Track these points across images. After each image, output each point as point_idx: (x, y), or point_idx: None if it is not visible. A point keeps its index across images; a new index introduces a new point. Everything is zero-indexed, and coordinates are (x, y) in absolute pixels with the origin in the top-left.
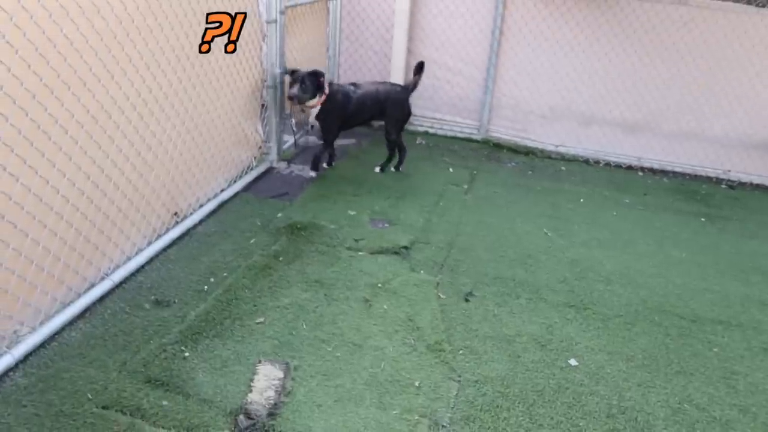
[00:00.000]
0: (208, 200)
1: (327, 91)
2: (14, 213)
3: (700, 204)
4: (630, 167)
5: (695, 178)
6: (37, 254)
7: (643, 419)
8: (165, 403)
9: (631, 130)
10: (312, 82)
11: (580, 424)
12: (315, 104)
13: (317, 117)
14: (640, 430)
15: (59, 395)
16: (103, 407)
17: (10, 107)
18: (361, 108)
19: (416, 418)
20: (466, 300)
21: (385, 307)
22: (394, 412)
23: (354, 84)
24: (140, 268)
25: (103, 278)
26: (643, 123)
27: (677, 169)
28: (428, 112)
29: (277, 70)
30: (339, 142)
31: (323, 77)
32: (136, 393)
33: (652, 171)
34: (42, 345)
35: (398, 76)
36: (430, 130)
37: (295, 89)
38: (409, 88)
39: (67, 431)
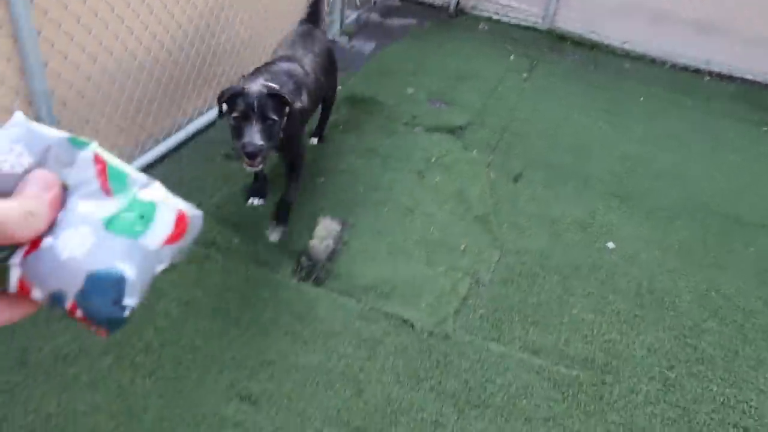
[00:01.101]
0: None
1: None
2: (108, 63)
3: (764, 113)
4: (697, 71)
5: (765, 87)
6: (123, 100)
7: (669, 300)
8: (236, 240)
9: (703, 30)
10: (277, 109)
11: (609, 297)
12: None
13: (282, 148)
14: (664, 309)
15: None
16: None
17: None
18: (320, 86)
19: (460, 275)
20: (515, 181)
21: (437, 179)
22: (440, 268)
23: (286, 57)
24: (211, 125)
25: (178, 130)
26: (718, 23)
27: (747, 76)
28: None
29: None
30: (398, 22)
31: (286, 98)
32: (210, 230)
33: (720, 76)
34: None
35: None
36: (494, 17)
37: (256, 136)
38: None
39: None
